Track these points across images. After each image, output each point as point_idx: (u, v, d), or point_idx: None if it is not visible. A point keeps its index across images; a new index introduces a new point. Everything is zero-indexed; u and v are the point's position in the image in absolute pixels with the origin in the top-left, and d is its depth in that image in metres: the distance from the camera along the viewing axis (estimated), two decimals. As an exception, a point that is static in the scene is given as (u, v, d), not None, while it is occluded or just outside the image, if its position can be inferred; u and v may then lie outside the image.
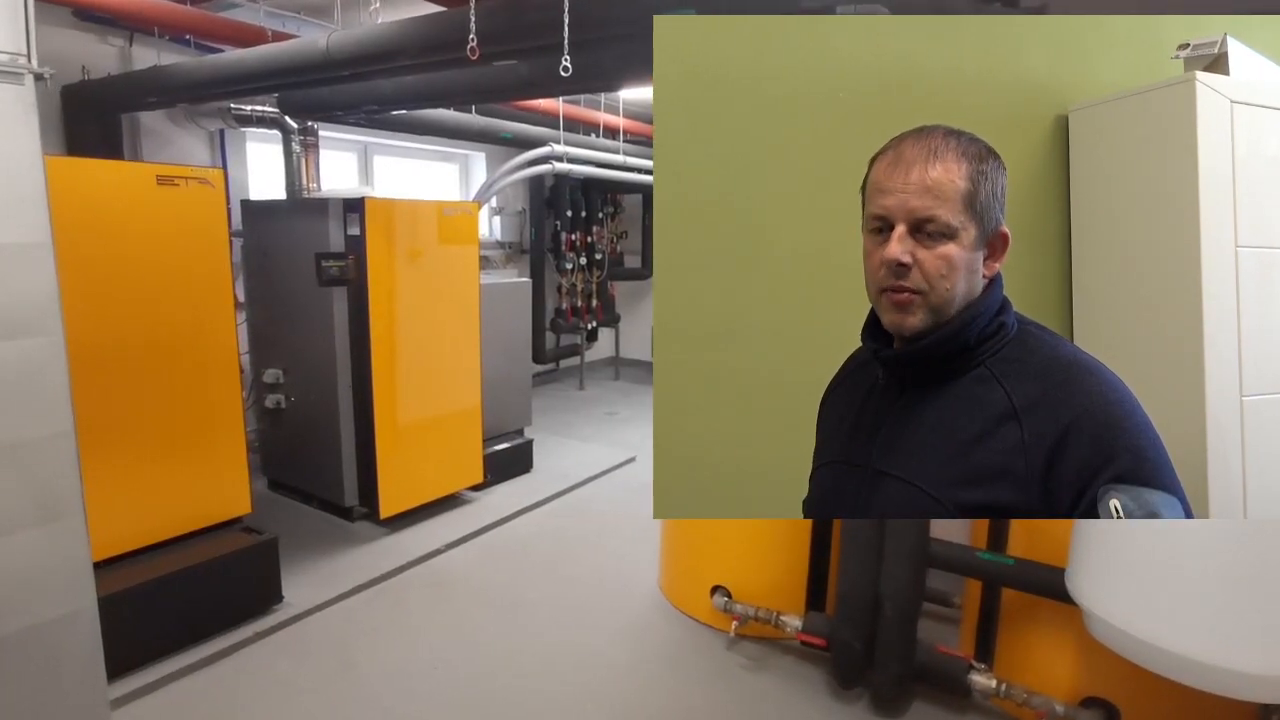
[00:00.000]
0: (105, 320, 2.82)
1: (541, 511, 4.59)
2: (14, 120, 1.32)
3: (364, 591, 3.55)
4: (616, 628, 3.30)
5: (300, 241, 4.03)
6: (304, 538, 3.96)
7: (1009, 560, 2.50)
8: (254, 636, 3.14)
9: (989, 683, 2.55)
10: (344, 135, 5.78)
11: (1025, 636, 2.63)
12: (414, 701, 2.76)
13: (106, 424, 2.84)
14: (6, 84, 1.29)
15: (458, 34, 2.56)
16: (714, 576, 3.25)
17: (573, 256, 7.57)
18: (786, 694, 2.85)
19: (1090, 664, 2.43)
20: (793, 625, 2.95)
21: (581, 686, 2.87)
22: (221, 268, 3.19)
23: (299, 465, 4.40)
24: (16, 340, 1.40)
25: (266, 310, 4.38)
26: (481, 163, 7.26)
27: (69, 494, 1.53)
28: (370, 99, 3.81)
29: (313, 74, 3.11)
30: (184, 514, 3.16)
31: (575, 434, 6.22)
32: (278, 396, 4.34)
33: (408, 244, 4.07)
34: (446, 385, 4.40)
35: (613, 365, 8.80)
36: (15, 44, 1.31)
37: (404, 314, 4.08)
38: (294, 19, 4.61)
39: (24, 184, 1.35)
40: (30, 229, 1.37)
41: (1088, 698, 2.44)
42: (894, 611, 2.59)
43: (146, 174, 2.96)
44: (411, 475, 4.23)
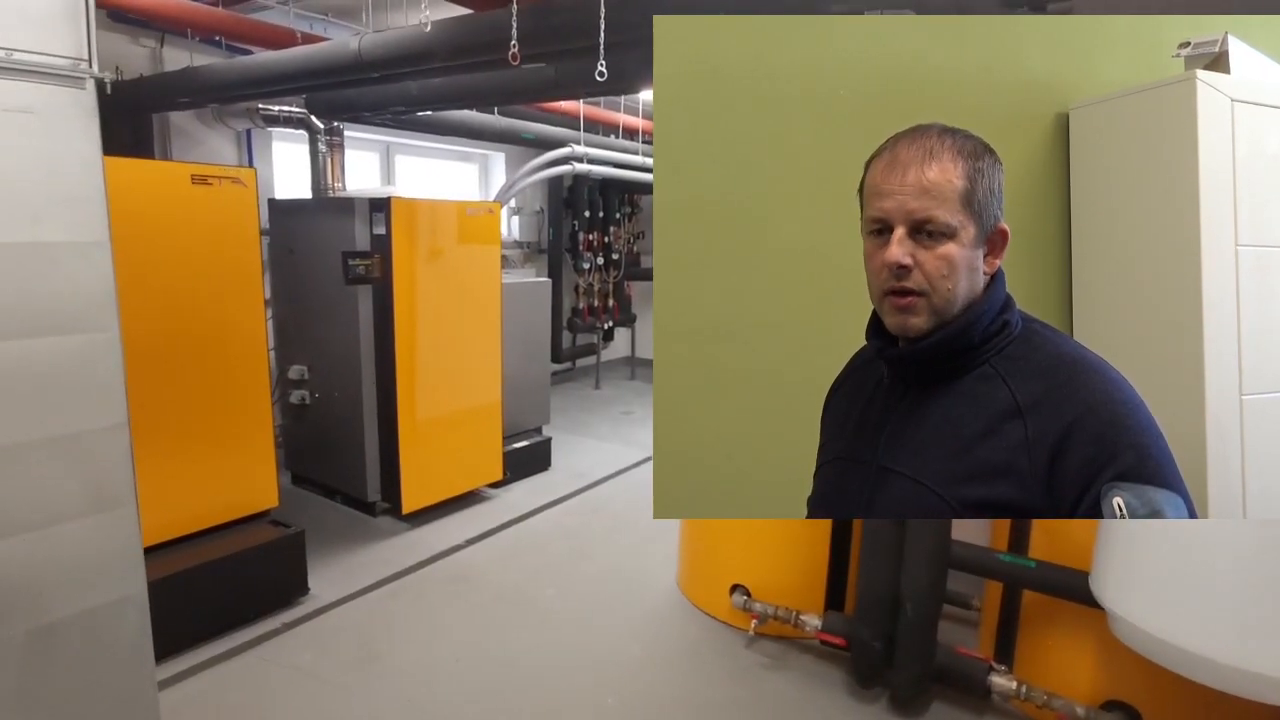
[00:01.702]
0: (140, 317, 2.87)
1: (560, 509, 4.64)
2: (76, 123, 1.37)
3: (387, 585, 3.60)
4: (635, 624, 3.33)
5: (326, 240, 4.09)
6: (328, 532, 4.02)
7: (1030, 563, 2.51)
8: (281, 628, 3.19)
9: (1009, 684, 2.56)
10: (367, 135, 5.86)
11: (1045, 639, 2.64)
12: (437, 693, 2.81)
13: (139, 418, 2.89)
14: (70, 88, 1.35)
15: (488, 36, 2.61)
16: (733, 575, 3.28)
17: (590, 256, 7.62)
18: (805, 693, 2.88)
19: (1111, 667, 2.44)
20: (812, 624, 2.97)
21: (601, 681, 2.91)
22: (252, 266, 3.25)
23: (323, 460, 4.46)
24: (75, 335, 1.46)
25: (291, 307, 4.45)
26: (501, 163, 7.32)
27: (123, 484, 1.59)
28: (398, 100, 3.87)
29: (344, 75, 3.16)
30: (214, 506, 3.23)
31: (592, 433, 6.27)
32: (302, 392, 4.40)
33: (431, 243, 4.13)
34: (468, 383, 4.45)
35: (629, 365, 8.84)
36: (77, 49, 1.36)
37: (427, 312, 4.14)
38: (322, 20, 4.67)
39: (85, 185, 1.40)
40: (90, 228, 1.43)
41: (1109, 700, 2.45)
42: (914, 612, 2.61)
43: (181, 173, 3.03)
44: (433, 472, 4.28)
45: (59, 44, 1.35)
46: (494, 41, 2.60)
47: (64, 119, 1.36)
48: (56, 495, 1.48)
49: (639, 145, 6.71)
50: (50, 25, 1.34)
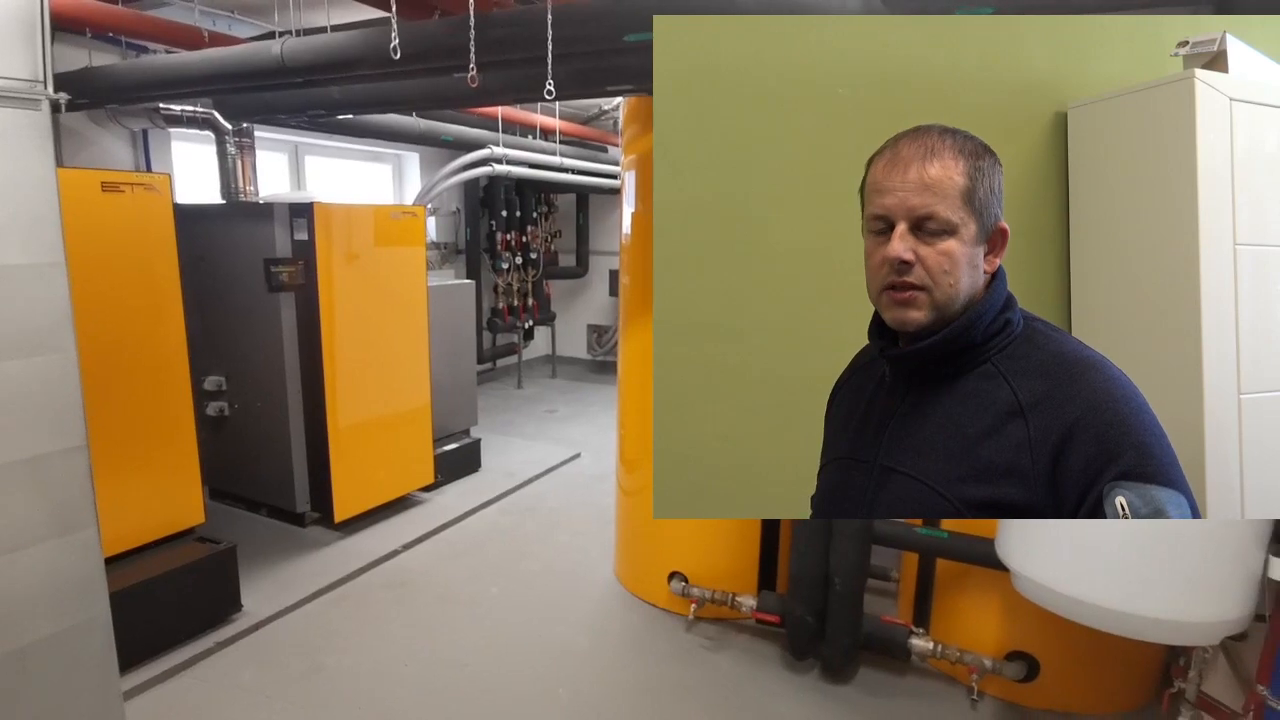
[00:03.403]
0: (55, 331, 2.75)
1: (494, 509, 4.67)
2: (31, 144, 1.34)
3: (325, 595, 3.56)
4: (578, 617, 3.44)
5: (242, 247, 3.97)
6: (256, 546, 3.92)
7: (944, 534, 2.78)
8: (215, 646, 3.12)
9: (927, 645, 2.82)
10: (275, 135, 5.65)
11: (958, 602, 2.92)
12: (388, 698, 2.83)
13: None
14: (26, 109, 1.32)
15: (419, 46, 2.62)
16: (670, 563, 3.43)
17: (508, 256, 7.61)
18: (745, 669, 3.06)
19: (1013, 622, 2.74)
20: (748, 605, 3.16)
21: (550, 674, 3.00)
22: (169, 275, 3.16)
23: (244, 473, 4.33)
24: (35, 358, 1.42)
25: (204, 317, 4.27)
26: (415, 163, 7.20)
27: (84, 506, 1.56)
28: (319, 104, 3.79)
29: (264, 80, 3.09)
30: (138, 526, 3.11)
31: (518, 432, 6.30)
32: (220, 404, 4.26)
33: (357, 248, 4.08)
34: (397, 387, 4.42)
35: (549, 363, 8.88)
36: (33, 71, 1.33)
37: (354, 317, 4.09)
38: (227, 17, 4.50)
39: (40, 206, 1.37)
40: (47, 249, 1.39)
41: (1012, 651, 2.75)
42: (843, 586, 2.83)
43: (91, 181, 2.90)
44: (365, 478, 4.24)
45: (15, 66, 1.32)
46: (424, 52, 2.61)
47: (19, 140, 1.32)
48: (20, 519, 1.44)
49: (556, 146, 6.75)
50: (6, 47, 1.30)
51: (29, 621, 1.46)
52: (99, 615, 1.60)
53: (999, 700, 2.82)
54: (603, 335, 8.80)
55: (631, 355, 3.55)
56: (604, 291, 8.67)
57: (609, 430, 5.31)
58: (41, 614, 1.49)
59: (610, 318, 8.68)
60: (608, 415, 6.63)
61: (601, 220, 8.64)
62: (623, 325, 3.62)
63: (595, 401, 7.46)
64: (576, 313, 8.92)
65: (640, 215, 3.39)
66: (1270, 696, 2.08)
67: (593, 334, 8.91)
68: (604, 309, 8.78)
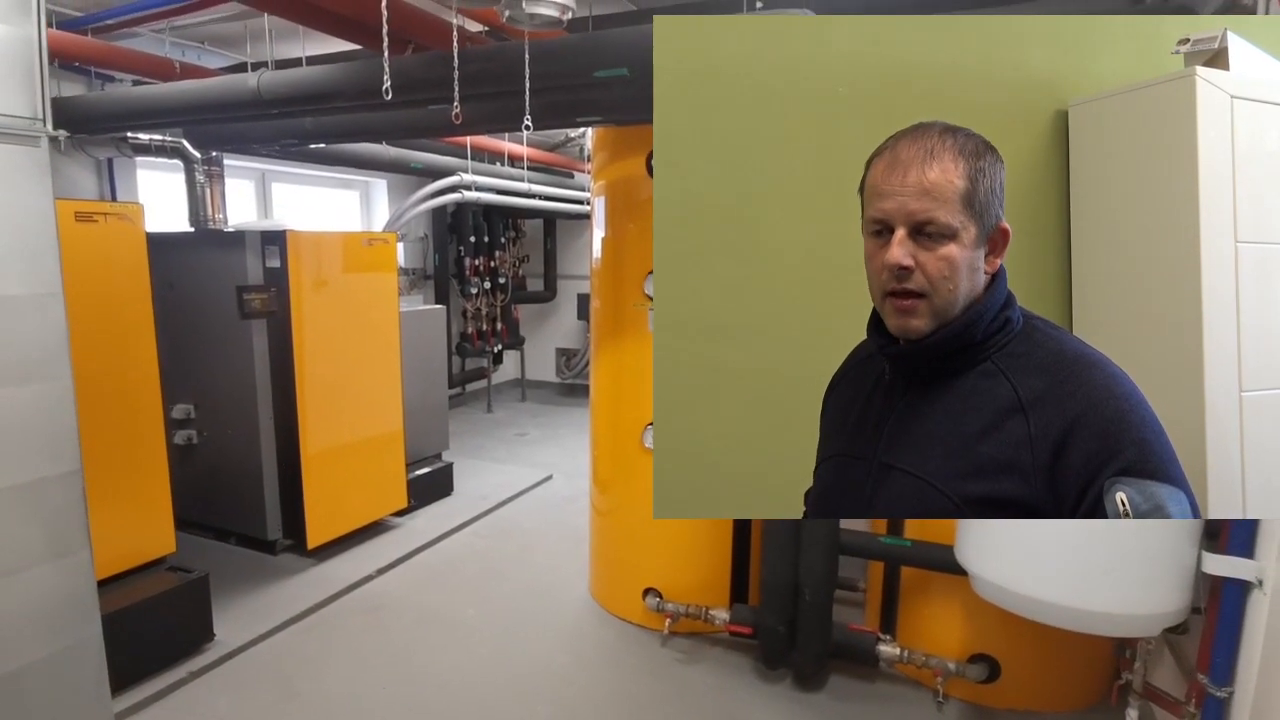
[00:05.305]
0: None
1: (467, 532, 4.69)
2: (32, 180, 1.39)
3: (299, 622, 3.55)
4: (556, 636, 3.48)
5: (212, 274, 3.99)
6: (227, 575, 3.88)
7: (907, 543, 2.90)
8: (189, 676, 3.10)
9: (894, 651, 2.93)
10: (241, 163, 5.68)
11: (922, 608, 3.04)
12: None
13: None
14: (26, 146, 1.37)
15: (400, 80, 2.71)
16: (644, 580, 3.49)
17: (477, 281, 7.67)
18: (719, 680, 3.13)
19: (975, 625, 2.86)
20: (721, 618, 3.24)
21: (531, 692, 3.04)
22: (143, 304, 3.17)
23: (213, 501, 4.29)
24: (32, 385, 1.46)
25: (174, 344, 4.25)
26: (383, 190, 7.25)
27: (77, 529, 1.59)
28: (291, 134, 3.85)
29: (240, 111, 3.15)
30: (108, 556, 3.07)
31: (489, 456, 6.32)
32: (188, 432, 4.23)
33: (328, 275, 4.12)
34: (370, 413, 4.44)
35: (519, 387, 8.91)
36: (33, 109, 1.39)
37: (326, 344, 4.11)
38: (196, 48, 4.54)
39: (39, 239, 1.42)
40: (45, 280, 1.44)
41: (974, 654, 2.87)
42: (813, 596, 2.94)
43: (64, 211, 2.89)
44: (338, 504, 4.24)
45: (16, 104, 1.37)
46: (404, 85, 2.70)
47: (21, 176, 1.37)
48: (16, 544, 1.47)
49: (524, 172, 6.87)
50: (7, 85, 1.36)
51: (24, 644, 1.48)
52: (92, 637, 1.63)
53: (963, 702, 2.93)
54: (571, 358, 8.87)
55: (603, 377, 3.63)
56: (572, 315, 8.76)
57: (580, 452, 5.37)
58: (38, 636, 1.51)
59: (579, 341, 8.76)
60: (578, 438, 6.68)
61: (569, 244, 8.76)
62: (594, 348, 3.70)
63: (565, 424, 7.51)
64: (545, 336, 8.99)
65: (610, 240, 3.50)
66: (1210, 684, 2.22)
67: (561, 357, 8.97)
68: (572, 332, 8.86)
